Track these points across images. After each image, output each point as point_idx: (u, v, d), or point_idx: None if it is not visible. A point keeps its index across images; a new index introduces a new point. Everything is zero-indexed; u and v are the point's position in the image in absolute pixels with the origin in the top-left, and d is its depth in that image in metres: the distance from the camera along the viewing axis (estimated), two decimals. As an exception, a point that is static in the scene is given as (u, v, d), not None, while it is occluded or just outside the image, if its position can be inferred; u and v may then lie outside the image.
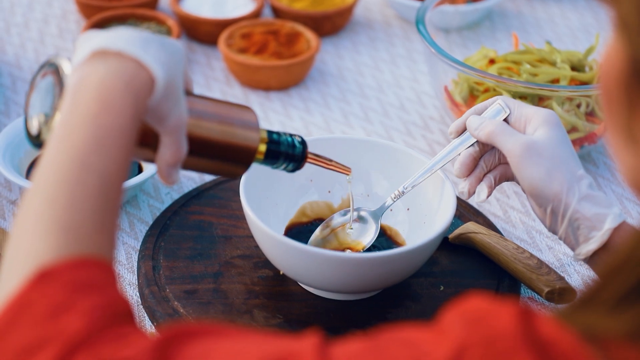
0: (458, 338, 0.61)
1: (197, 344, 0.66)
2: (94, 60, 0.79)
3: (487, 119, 1.06)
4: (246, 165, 0.94)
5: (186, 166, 0.91)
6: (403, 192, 1.13)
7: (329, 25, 1.69)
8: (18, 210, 0.73)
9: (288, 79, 1.54)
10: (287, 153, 0.98)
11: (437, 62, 1.38)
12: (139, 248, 1.19)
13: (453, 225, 1.20)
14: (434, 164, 1.11)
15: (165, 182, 0.87)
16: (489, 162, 1.07)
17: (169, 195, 1.29)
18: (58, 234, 0.70)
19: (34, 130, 0.84)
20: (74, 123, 0.75)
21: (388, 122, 1.49)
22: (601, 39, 1.46)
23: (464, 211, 1.25)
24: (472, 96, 1.39)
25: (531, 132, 1.04)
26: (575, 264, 1.21)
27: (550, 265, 1.16)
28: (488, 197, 1.07)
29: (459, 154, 1.08)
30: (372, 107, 1.53)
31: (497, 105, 1.07)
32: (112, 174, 0.74)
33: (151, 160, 0.88)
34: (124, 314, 0.68)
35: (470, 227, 1.19)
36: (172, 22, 1.61)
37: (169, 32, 1.60)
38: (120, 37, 0.80)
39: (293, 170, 1.00)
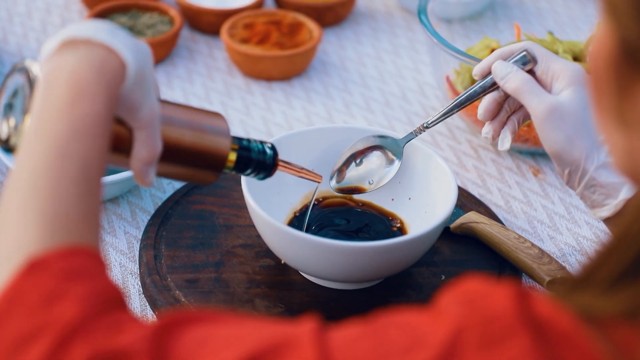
0: (455, 320, 0.61)
1: (194, 331, 0.66)
2: (63, 50, 0.78)
3: (513, 70, 1.05)
4: (217, 172, 0.93)
5: (157, 173, 0.90)
6: (426, 127, 1.13)
7: (332, 15, 1.69)
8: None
9: (290, 69, 1.54)
10: (258, 160, 0.96)
11: (439, 53, 1.38)
12: (140, 237, 1.19)
13: (454, 214, 1.20)
14: (457, 102, 1.11)
15: (142, 182, 0.86)
16: (513, 105, 1.08)
17: (171, 185, 1.29)
18: (44, 224, 0.70)
19: (3, 135, 0.82)
20: (49, 113, 0.74)
21: (390, 112, 1.49)
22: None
23: (466, 201, 1.25)
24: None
25: (557, 91, 1.04)
26: (576, 253, 1.21)
27: (552, 255, 1.16)
28: (510, 144, 1.08)
29: (484, 94, 1.08)
30: (374, 97, 1.53)
31: (524, 54, 1.06)
32: (91, 160, 0.74)
33: (126, 166, 0.87)
34: (117, 301, 0.68)
35: (471, 216, 1.19)
36: (174, 12, 1.61)
37: (171, 22, 1.60)
38: (88, 26, 0.80)
39: (264, 178, 0.99)
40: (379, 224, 1.18)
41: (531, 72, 1.06)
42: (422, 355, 0.60)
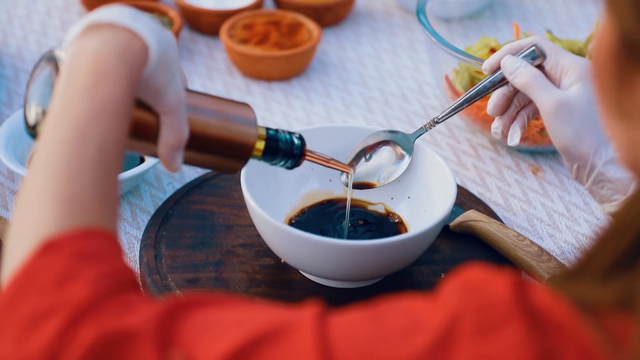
0: (453, 306, 0.62)
1: (201, 314, 0.67)
2: (87, 34, 0.79)
3: (523, 65, 1.06)
4: (243, 161, 0.94)
5: (184, 161, 0.91)
6: (436, 122, 1.14)
7: (331, 15, 1.70)
8: (21, 184, 0.73)
9: (290, 69, 1.55)
10: (286, 150, 0.98)
11: (438, 52, 1.38)
12: (141, 237, 1.19)
13: (454, 213, 1.20)
14: (467, 98, 1.12)
15: (169, 168, 0.86)
16: (522, 100, 1.09)
17: (171, 185, 1.29)
18: (61, 206, 0.70)
19: (31, 120, 0.84)
20: (70, 96, 0.75)
21: (389, 112, 1.50)
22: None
23: (465, 199, 1.26)
24: (473, 85, 1.39)
25: (566, 86, 1.04)
26: (575, 251, 1.22)
27: (551, 253, 1.17)
28: (519, 140, 1.08)
29: (493, 89, 1.09)
30: (374, 96, 1.53)
31: (533, 49, 1.07)
32: (110, 143, 0.74)
33: (154, 154, 0.88)
34: (129, 283, 0.69)
35: (471, 215, 1.19)
36: (174, 14, 1.61)
37: (171, 23, 1.61)
38: (112, 11, 0.80)
39: (292, 167, 1.00)
40: (379, 222, 1.18)
41: (540, 67, 1.06)
42: (419, 339, 0.61)
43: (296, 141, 0.99)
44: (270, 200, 1.15)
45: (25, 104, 0.85)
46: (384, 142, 1.17)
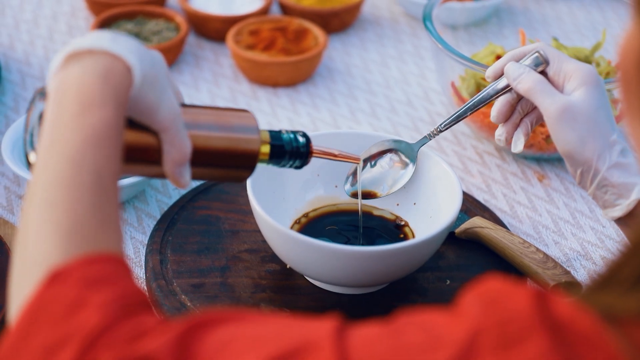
0: (474, 320, 0.61)
1: (217, 332, 0.66)
2: (68, 63, 0.79)
3: (526, 71, 1.06)
4: (250, 169, 0.93)
5: (191, 176, 0.90)
6: (440, 130, 1.14)
7: (337, 22, 1.70)
8: (19, 217, 0.73)
9: (296, 75, 1.55)
10: (292, 151, 0.97)
11: (444, 58, 1.38)
12: (146, 242, 1.19)
13: (459, 219, 1.20)
14: (470, 105, 1.12)
15: (178, 184, 0.86)
16: (525, 106, 1.09)
17: (177, 191, 1.30)
18: (62, 236, 0.70)
19: (32, 159, 0.83)
20: (59, 127, 0.75)
21: (395, 118, 1.50)
22: (608, 35, 1.46)
23: (471, 206, 1.26)
24: (479, 92, 1.39)
25: (569, 91, 1.04)
26: (581, 258, 1.22)
27: (557, 260, 1.17)
28: (523, 147, 1.08)
29: (496, 96, 1.09)
30: (380, 103, 1.53)
31: (536, 55, 1.07)
32: (105, 167, 0.74)
33: (161, 175, 0.88)
34: (141, 304, 0.69)
35: (476, 221, 1.19)
36: (180, 19, 1.62)
37: (177, 28, 1.61)
38: (90, 37, 0.80)
39: (300, 167, 1.00)
40: (385, 228, 1.18)
41: (543, 73, 1.06)
42: (440, 355, 0.60)
43: (301, 139, 0.98)
44: (276, 205, 1.15)
45: (24, 143, 0.85)
46: (388, 151, 1.17)
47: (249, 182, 1.09)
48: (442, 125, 1.14)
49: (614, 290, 0.61)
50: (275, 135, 0.96)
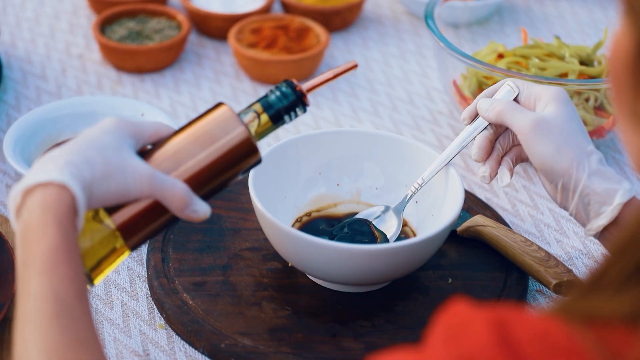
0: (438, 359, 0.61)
1: None
2: (24, 201, 0.82)
3: (497, 100, 1.07)
4: (254, 152, 0.92)
5: (205, 198, 0.91)
6: (421, 185, 1.13)
7: (339, 20, 1.70)
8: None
9: (297, 73, 1.55)
10: (285, 106, 0.94)
11: (446, 57, 1.38)
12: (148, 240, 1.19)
13: (461, 218, 1.20)
14: (450, 152, 1.11)
15: (199, 219, 0.89)
16: (504, 144, 1.09)
17: (179, 189, 1.29)
18: None
19: None
20: (20, 266, 0.79)
21: (397, 117, 1.50)
22: (610, 33, 1.46)
23: (473, 204, 1.26)
24: (481, 90, 1.39)
25: (541, 110, 1.05)
26: (583, 256, 1.21)
27: (558, 258, 1.16)
28: (510, 179, 1.08)
29: (474, 138, 1.09)
30: (381, 101, 1.53)
31: (507, 87, 1.08)
32: (62, 289, 0.77)
33: (163, 226, 0.90)
34: None
35: (478, 220, 1.19)
36: (182, 17, 1.62)
37: (179, 27, 1.61)
38: (35, 169, 0.83)
39: (304, 111, 0.95)
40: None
41: (516, 101, 1.07)
42: None
43: (286, 89, 0.94)
44: (277, 204, 1.15)
45: None
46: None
47: (250, 180, 1.09)
48: (426, 177, 1.13)
49: (600, 295, 0.61)
50: (264, 105, 0.93)
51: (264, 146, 1.40)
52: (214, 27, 1.66)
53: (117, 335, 1.07)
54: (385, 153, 1.19)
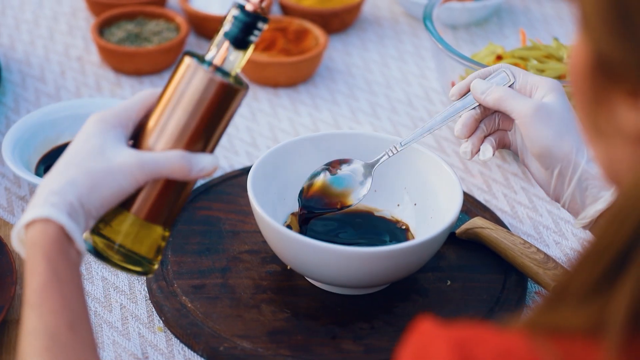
0: None
1: None
2: (26, 233, 0.84)
3: (494, 85, 1.07)
4: (235, 91, 0.89)
5: (213, 147, 0.91)
6: (397, 150, 1.13)
7: (337, 22, 1.70)
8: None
9: (296, 75, 1.55)
10: (244, 27, 0.89)
11: (444, 58, 1.38)
12: (147, 243, 1.19)
13: (460, 220, 1.20)
14: (435, 123, 1.11)
15: (209, 173, 0.90)
16: (489, 125, 1.09)
17: (177, 191, 1.29)
18: None
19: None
20: (22, 310, 0.82)
21: (396, 118, 1.50)
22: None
23: (471, 206, 1.26)
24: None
25: (539, 98, 1.05)
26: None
27: (557, 260, 1.17)
28: (492, 155, 1.08)
29: (460, 115, 1.09)
30: (380, 103, 1.53)
31: (503, 73, 1.08)
32: (53, 322, 0.79)
33: (190, 191, 0.92)
34: None
35: (477, 222, 1.19)
36: (180, 20, 1.62)
37: (177, 29, 1.61)
38: (32, 205, 0.84)
39: (265, 21, 0.90)
40: (385, 229, 1.18)
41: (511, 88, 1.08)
42: None
43: (236, 12, 0.90)
44: (276, 206, 1.15)
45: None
46: (346, 161, 1.16)
47: (249, 182, 1.09)
48: (405, 142, 1.13)
49: (563, 308, 0.61)
50: (227, 37, 0.90)
51: (264, 144, 1.40)
52: (212, 29, 1.66)
53: (116, 338, 1.07)
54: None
